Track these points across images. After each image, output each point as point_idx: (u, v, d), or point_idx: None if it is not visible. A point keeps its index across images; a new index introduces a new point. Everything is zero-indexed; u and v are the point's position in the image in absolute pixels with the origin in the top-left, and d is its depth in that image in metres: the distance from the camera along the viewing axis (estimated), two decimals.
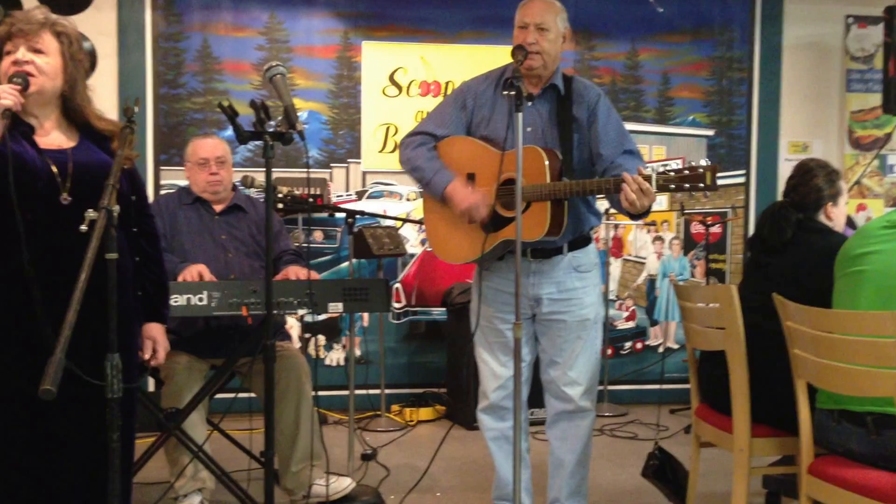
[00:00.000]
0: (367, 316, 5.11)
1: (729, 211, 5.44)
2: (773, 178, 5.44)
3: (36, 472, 2.15)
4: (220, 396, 3.44)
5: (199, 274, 3.06)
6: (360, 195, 5.14)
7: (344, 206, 4.92)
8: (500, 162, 2.59)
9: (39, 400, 1.64)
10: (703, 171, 2.46)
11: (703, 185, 2.47)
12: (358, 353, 5.12)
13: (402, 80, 5.16)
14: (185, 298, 2.89)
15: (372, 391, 4.82)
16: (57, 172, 2.17)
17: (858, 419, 2.27)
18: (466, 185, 2.77)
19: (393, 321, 5.19)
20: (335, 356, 5.14)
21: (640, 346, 5.47)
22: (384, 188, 5.17)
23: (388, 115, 5.14)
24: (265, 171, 2.34)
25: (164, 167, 4.94)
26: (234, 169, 3.58)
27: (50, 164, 2.17)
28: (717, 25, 5.43)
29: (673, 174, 2.49)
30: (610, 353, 5.32)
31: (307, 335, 4.92)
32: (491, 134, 2.82)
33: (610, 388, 5.17)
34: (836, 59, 5.54)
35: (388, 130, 5.14)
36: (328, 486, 3.21)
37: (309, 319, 4.82)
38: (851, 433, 2.30)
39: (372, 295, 3.14)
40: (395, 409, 4.96)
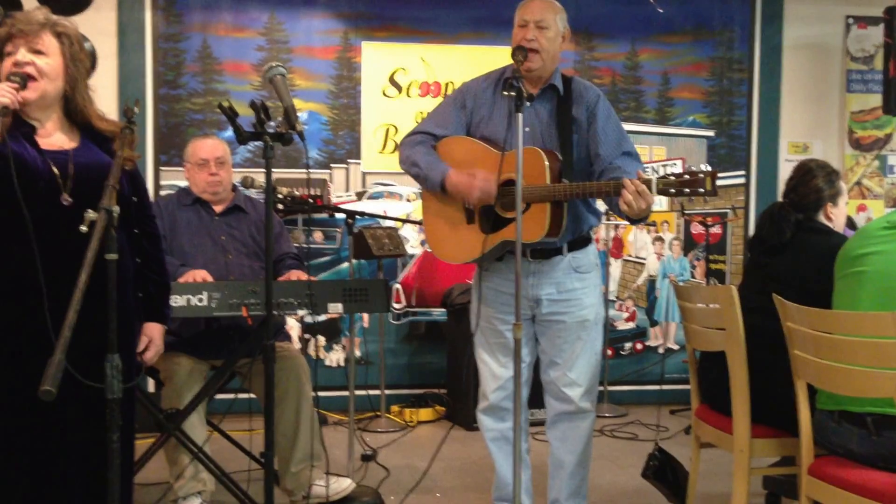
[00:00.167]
0: (367, 317, 5.11)
1: (729, 211, 5.43)
2: (773, 178, 5.44)
3: (36, 472, 2.14)
4: (220, 397, 3.44)
5: (202, 279, 3.05)
6: (360, 196, 5.14)
7: (344, 206, 4.91)
8: (499, 162, 2.58)
9: (40, 400, 1.63)
10: (703, 176, 2.46)
11: (702, 190, 2.46)
12: (358, 353, 5.12)
13: (401, 80, 5.16)
14: (185, 299, 2.89)
15: (372, 392, 4.82)
16: (58, 173, 2.16)
17: (858, 420, 2.27)
18: (463, 174, 2.74)
19: (393, 322, 5.18)
20: (335, 357, 5.14)
21: (640, 346, 5.47)
22: (384, 189, 5.17)
23: (387, 115, 5.14)
24: (265, 171, 2.34)
25: (163, 168, 4.94)
26: (234, 170, 3.59)
27: (51, 164, 2.17)
28: (717, 26, 5.43)
29: (673, 179, 2.49)
30: (610, 353, 5.32)
31: (307, 336, 4.92)
32: (490, 134, 2.82)
33: (610, 388, 5.17)
34: (836, 59, 5.54)
35: (387, 131, 5.14)
36: (328, 486, 3.21)
37: (309, 320, 4.81)
38: (851, 434, 2.30)
39: (372, 296, 3.14)
40: (395, 409, 4.96)
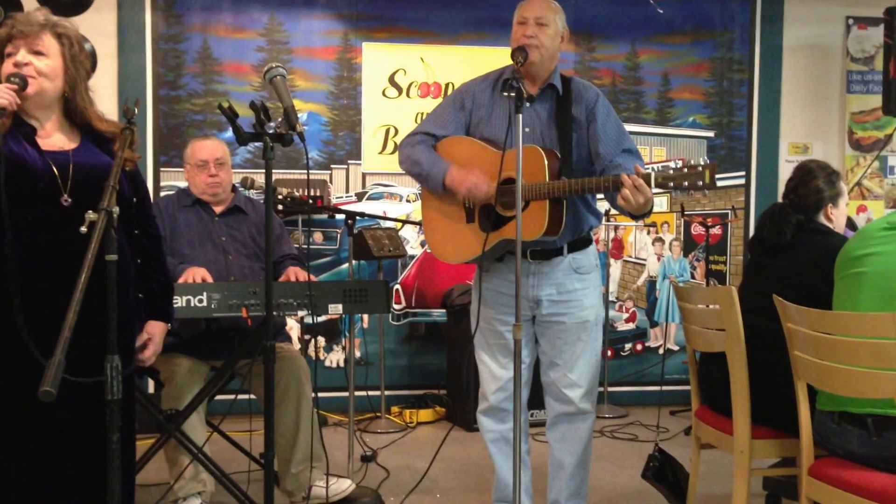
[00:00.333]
0: (366, 317, 5.11)
1: (729, 212, 5.43)
2: (773, 179, 5.44)
3: (36, 473, 2.14)
4: (220, 398, 3.43)
5: (201, 278, 3.06)
6: (360, 197, 5.14)
7: (344, 207, 4.91)
8: (499, 161, 2.58)
9: (39, 401, 1.63)
10: (702, 169, 2.47)
11: (701, 182, 2.47)
12: (358, 354, 5.12)
13: (402, 81, 5.16)
14: (185, 300, 2.89)
15: (372, 393, 4.82)
16: (58, 174, 2.16)
17: (859, 421, 2.27)
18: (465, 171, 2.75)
19: (393, 323, 5.18)
20: (335, 358, 5.14)
21: (640, 347, 5.47)
22: (384, 190, 5.17)
23: (388, 116, 5.14)
24: (265, 172, 2.34)
25: (163, 168, 4.94)
26: (234, 170, 3.59)
27: (51, 165, 2.17)
28: (717, 27, 5.43)
29: (672, 172, 2.50)
30: (610, 354, 5.32)
31: (307, 336, 4.92)
32: (490, 135, 2.82)
33: (610, 389, 5.17)
34: (836, 60, 5.54)
35: (388, 132, 5.14)
36: (328, 487, 3.21)
37: (309, 321, 4.81)
38: (852, 435, 2.30)
39: (372, 296, 3.13)
40: (394, 410, 4.96)
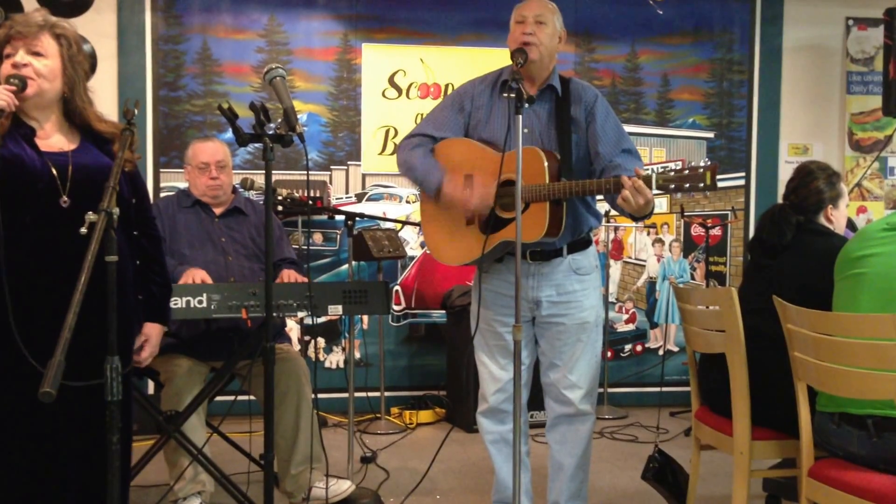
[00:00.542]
0: (366, 318, 5.10)
1: (729, 213, 5.43)
2: (773, 180, 5.44)
3: (34, 474, 2.14)
4: (219, 399, 3.43)
5: (201, 280, 3.05)
6: (359, 197, 5.14)
7: (343, 208, 4.92)
8: (499, 163, 2.58)
9: (39, 402, 1.63)
10: (702, 170, 2.46)
11: (702, 184, 2.47)
12: (357, 355, 5.12)
13: (401, 82, 5.16)
14: (184, 301, 2.88)
15: (371, 394, 4.82)
16: (57, 175, 2.16)
17: (859, 422, 2.27)
18: (459, 183, 2.75)
19: (392, 324, 5.18)
20: (335, 359, 5.14)
21: (640, 348, 5.46)
22: (384, 190, 5.17)
23: (387, 117, 5.14)
24: (265, 173, 2.34)
25: (163, 169, 4.94)
26: (233, 171, 3.58)
27: (50, 166, 2.17)
28: (717, 27, 5.43)
29: (672, 174, 2.49)
30: (610, 355, 5.32)
31: (307, 338, 4.92)
32: (489, 136, 2.82)
33: (610, 390, 5.17)
34: (836, 61, 5.54)
35: (387, 133, 5.14)
36: (328, 488, 3.21)
37: (309, 322, 4.81)
38: (852, 436, 2.30)
39: (371, 297, 3.13)
40: (394, 411, 4.96)
